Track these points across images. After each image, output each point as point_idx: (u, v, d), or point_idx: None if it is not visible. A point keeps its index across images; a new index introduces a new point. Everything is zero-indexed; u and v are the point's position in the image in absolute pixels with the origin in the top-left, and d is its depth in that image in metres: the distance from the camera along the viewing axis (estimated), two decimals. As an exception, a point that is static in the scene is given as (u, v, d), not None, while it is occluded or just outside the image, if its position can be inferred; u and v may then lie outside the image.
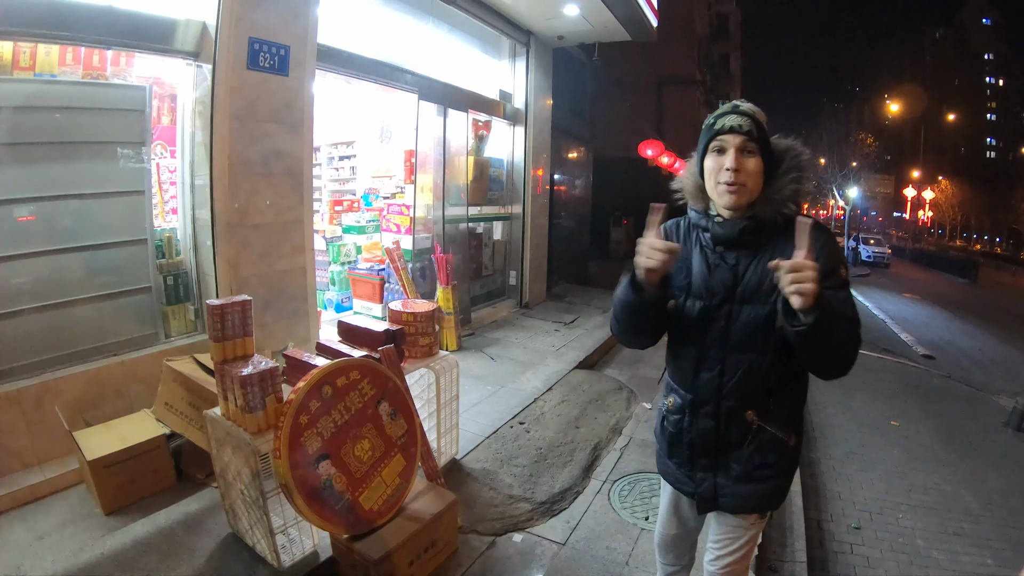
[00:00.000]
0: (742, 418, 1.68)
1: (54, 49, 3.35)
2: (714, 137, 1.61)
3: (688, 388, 1.75)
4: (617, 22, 7.37)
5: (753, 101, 1.67)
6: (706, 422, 1.72)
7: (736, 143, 1.57)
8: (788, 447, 1.71)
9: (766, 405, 1.67)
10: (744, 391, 1.66)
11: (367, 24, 5.35)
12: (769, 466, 1.70)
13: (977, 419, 6.03)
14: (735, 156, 1.57)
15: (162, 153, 3.95)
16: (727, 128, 1.58)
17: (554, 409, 4.57)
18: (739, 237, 1.62)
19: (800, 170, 1.63)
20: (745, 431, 1.69)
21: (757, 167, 1.58)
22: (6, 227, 3.12)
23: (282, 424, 2.16)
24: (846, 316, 1.50)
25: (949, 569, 3.31)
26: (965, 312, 14.59)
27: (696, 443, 1.76)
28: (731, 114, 1.60)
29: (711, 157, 1.63)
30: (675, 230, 1.80)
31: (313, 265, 4.44)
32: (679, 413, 1.79)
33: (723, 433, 1.71)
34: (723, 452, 1.73)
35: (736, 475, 1.73)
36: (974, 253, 41.08)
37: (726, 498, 1.76)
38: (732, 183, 1.58)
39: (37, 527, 2.72)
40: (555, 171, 9.64)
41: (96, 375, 3.32)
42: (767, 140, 1.61)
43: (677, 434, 1.81)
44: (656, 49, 16.46)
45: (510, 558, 2.80)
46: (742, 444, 1.70)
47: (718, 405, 1.69)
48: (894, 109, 43.57)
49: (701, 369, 1.70)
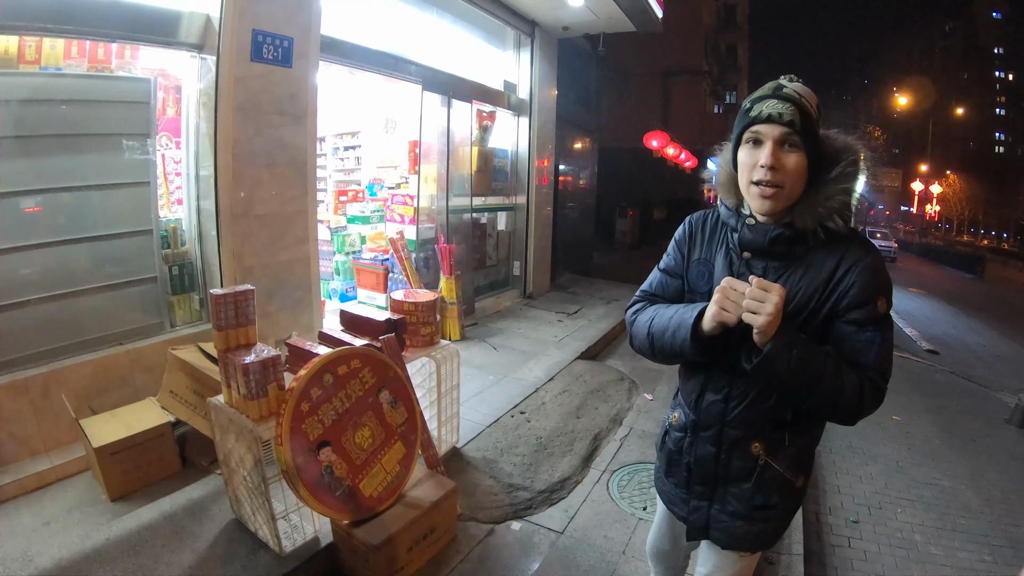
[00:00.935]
0: (747, 450, 1.51)
1: (59, 43, 3.37)
2: (749, 126, 1.36)
3: (692, 408, 1.60)
4: (622, 13, 7.34)
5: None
6: (706, 448, 1.57)
7: (775, 135, 1.32)
8: (794, 488, 1.55)
9: (777, 440, 1.50)
10: (751, 421, 1.49)
11: (371, 15, 5.35)
12: (772, 507, 1.54)
13: (979, 415, 6.02)
14: (772, 151, 1.32)
15: (167, 144, 3.97)
16: (764, 116, 1.32)
17: (555, 399, 4.60)
18: (769, 246, 1.40)
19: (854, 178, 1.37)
20: (749, 465, 1.52)
21: (799, 166, 1.33)
22: (13, 218, 3.16)
23: (284, 411, 2.20)
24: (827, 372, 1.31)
25: (947, 565, 3.31)
26: (971, 307, 14.53)
27: (694, 468, 1.61)
28: (771, 98, 1.33)
29: (745, 149, 1.38)
30: (702, 224, 1.61)
31: (316, 255, 4.48)
32: (681, 432, 1.65)
33: (723, 463, 1.55)
34: (722, 484, 1.58)
35: (732, 511, 1.57)
36: (981, 248, 40.88)
37: (718, 532, 1.61)
38: (767, 184, 1.34)
39: (44, 513, 2.76)
40: (560, 162, 9.63)
41: (102, 364, 3.36)
42: (815, 132, 1.35)
43: (677, 453, 1.67)
44: (662, 40, 16.36)
45: (508, 545, 2.84)
46: (743, 479, 1.54)
47: (720, 432, 1.53)
48: (902, 102, 43.39)
49: (706, 390, 1.55)
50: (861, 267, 1.35)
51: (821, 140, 1.38)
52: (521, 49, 7.90)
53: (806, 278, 1.38)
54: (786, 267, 1.42)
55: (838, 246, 1.37)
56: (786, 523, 1.61)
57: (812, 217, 1.35)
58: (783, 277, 1.41)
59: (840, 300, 1.36)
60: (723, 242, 1.53)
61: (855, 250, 1.37)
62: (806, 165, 1.34)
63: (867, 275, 1.35)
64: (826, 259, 1.36)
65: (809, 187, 1.37)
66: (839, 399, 1.33)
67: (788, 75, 1.41)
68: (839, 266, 1.36)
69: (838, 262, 1.36)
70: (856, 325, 1.36)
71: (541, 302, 8.00)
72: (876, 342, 1.37)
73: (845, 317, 1.37)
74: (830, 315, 1.38)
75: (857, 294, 1.34)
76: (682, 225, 1.65)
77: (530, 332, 6.43)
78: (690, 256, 1.59)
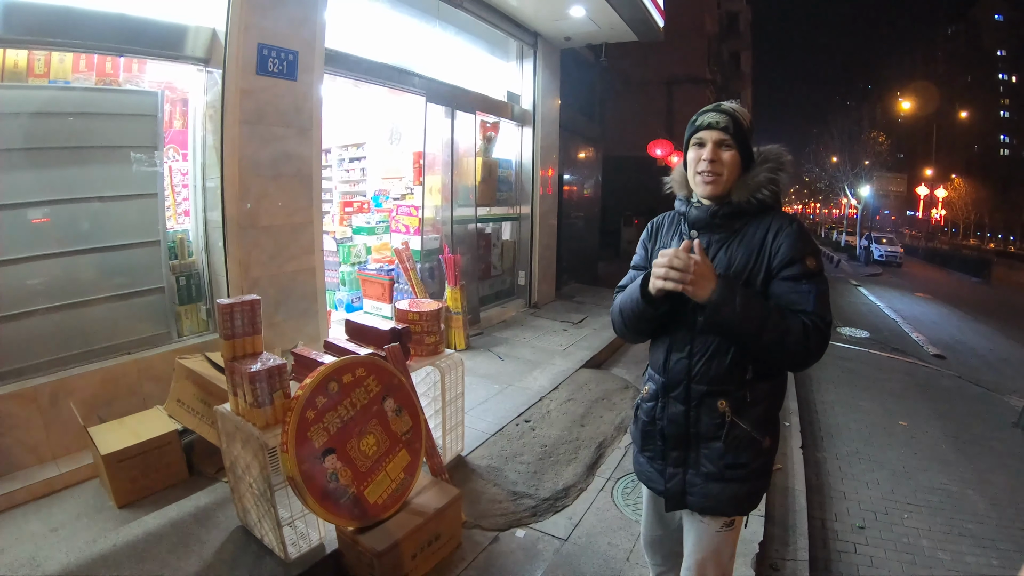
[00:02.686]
0: (714, 407, 1.68)
1: (68, 56, 3.44)
2: (695, 132, 1.71)
3: (660, 371, 1.77)
4: (623, 23, 7.41)
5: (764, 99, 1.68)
6: (676, 407, 1.73)
7: (714, 138, 1.66)
8: (762, 448, 1.70)
9: (740, 398, 1.67)
10: (714, 375, 1.67)
11: (374, 28, 5.41)
12: (742, 466, 1.69)
13: (986, 419, 5.99)
14: (712, 149, 1.66)
15: (174, 156, 4.03)
16: (706, 124, 1.68)
17: (560, 407, 4.61)
18: (711, 219, 1.70)
19: (778, 163, 1.70)
20: (717, 422, 1.68)
21: (733, 159, 1.66)
22: (22, 229, 3.21)
23: (289, 419, 2.22)
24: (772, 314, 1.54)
25: (954, 570, 3.30)
26: (977, 311, 14.45)
27: (667, 432, 1.76)
28: (712, 112, 1.69)
29: (692, 150, 1.73)
30: (661, 222, 1.92)
31: (322, 266, 4.52)
32: (652, 400, 1.81)
33: (693, 420, 1.71)
34: (694, 445, 1.73)
35: (706, 473, 1.72)
36: (987, 252, 40.65)
37: (694, 496, 1.74)
38: (709, 172, 1.66)
39: (52, 519, 2.79)
40: (564, 171, 9.67)
41: (110, 373, 3.40)
42: (745, 136, 1.68)
43: (650, 423, 1.82)
44: (666, 48, 16.44)
45: (512, 553, 2.85)
46: (713, 437, 1.70)
47: (688, 388, 1.71)
48: (906, 106, 43.20)
49: (672, 351, 1.74)
50: (787, 232, 1.63)
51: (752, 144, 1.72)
52: (524, 60, 7.96)
53: (743, 246, 1.66)
54: (726, 239, 1.70)
55: (766, 218, 1.67)
56: (760, 487, 1.75)
57: (745, 191, 1.67)
58: (725, 247, 1.69)
59: (772, 260, 1.62)
60: (678, 230, 1.84)
61: (780, 219, 1.67)
62: (739, 159, 1.67)
63: (792, 237, 1.62)
64: (758, 228, 1.66)
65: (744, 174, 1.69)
66: (787, 339, 1.53)
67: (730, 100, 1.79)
68: (768, 232, 1.65)
69: (767, 229, 1.65)
70: (792, 280, 1.60)
71: (546, 311, 8.01)
72: (812, 291, 1.58)
73: (780, 275, 1.61)
74: (767, 276, 1.63)
75: (786, 253, 1.60)
76: (646, 228, 1.97)
77: (535, 341, 6.44)
78: (653, 248, 1.89)
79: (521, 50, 7.91)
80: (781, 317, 1.54)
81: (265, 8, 3.81)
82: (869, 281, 19.88)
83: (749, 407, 1.68)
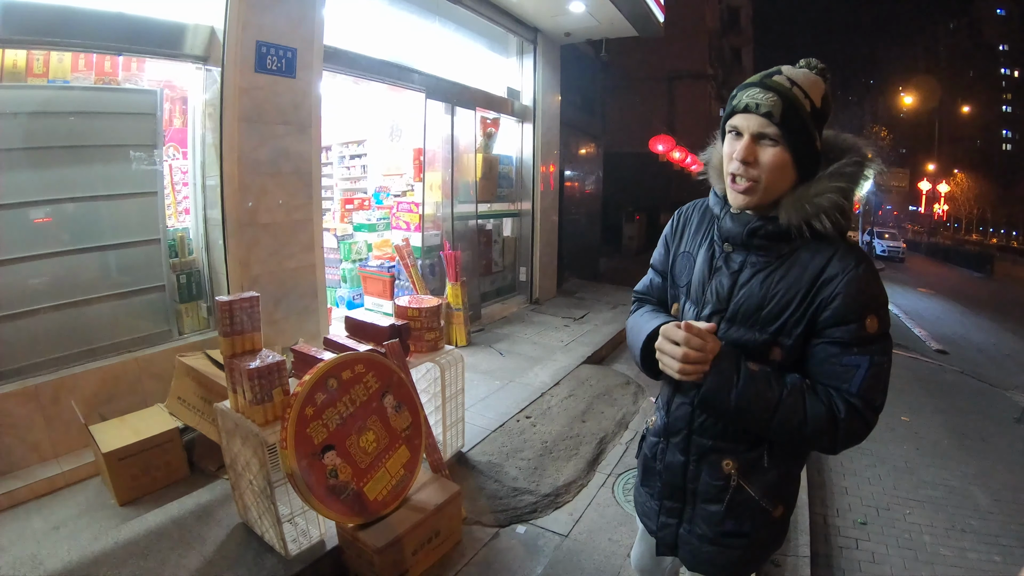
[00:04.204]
0: (718, 466, 1.37)
1: (66, 56, 3.43)
2: (730, 116, 1.26)
3: (665, 411, 1.48)
4: (623, 18, 7.37)
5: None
6: (675, 456, 1.44)
7: (753, 128, 1.21)
8: (771, 519, 1.38)
9: (753, 461, 1.35)
10: (719, 432, 1.36)
11: (373, 24, 5.40)
12: (743, 535, 1.39)
13: (989, 415, 5.99)
14: (747, 144, 1.21)
15: (174, 155, 4.03)
16: (742, 107, 1.22)
17: (561, 403, 4.61)
18: (747, 238, 1.29)
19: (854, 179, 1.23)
20: (719, 484, 1.37)
21: (778, 161, 1.21)
22: (23, 229, 3.21)
23: (288, 416, 2.22)
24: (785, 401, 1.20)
25: (956, 566, 3.29)
26: (980, 306, 14.45)
27: (664, 477, 1.48)
28: (754, 87, 1.22)
29: (728, 139, 1.28)
30: (692, 214, 1.52)
31: (322, 263, 4.51)
32: (657, 436, 1.52)
33: (692, 476, 1.42)
34: (691, 502, 1.44)
35: (700, 534, 1.43)
36: (990, 247, 40.60)
37: (685, 553, 1.49)
38: (740, 177, 1.24)
39: (53, 517, 2.80)
40: (565, 167, 9.66)
41: (111, 371, 3.40)
42: (805, 126, 1.21)
43: (652, 459, 1.54)
44: (666, 44, 16.39)
45: (513, 549, 2.85)
46: (713, 500, 1.39)
47: (688, 439, 1.40)
48: (908, 101, 43.17)
49: (677, 392, 1.43)
50: (850, 277, 1.18)
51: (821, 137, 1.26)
52: (524, 56, 7.93)
53: (786, 280, 1.24)
54: (766, 264, 1.28)
55: (826, 249, 1.22)
56: (761, 556, 1.45)
57: (798, 213, 1.22)
58: (762, 274, 1.28)
59: (821, 311, 1.21)
60: (708, 233, 1.42)
61: (845, 256, 1.21)
62: (789, 161, 1.21)
63: (855, 287, 1.18)
64: (812, 260, 1.22)
65: (800, 183, 1.24)
66: (803, 431, 1.21)
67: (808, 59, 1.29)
68: (824, 271, 1.21)
69: (822, 267, 1.21)
70: (840, 346, 1.20)
71: (548, 307, 8.01)
72: (863, 365, 1.19)
73: (827, 336, 1.22)
74: (808, 332, 1.24)
75: (841, 307, 1.18)
76: (673, 216, 1.56)
77: (536, 337, 6.44)
78: (677, 248, 1.50)
79: (521, 46, 7.89)
80: (795, 408, 1.20)
81: (263, 6, 3.80)
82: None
83: (763, 471, 1.35)
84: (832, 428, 1.19)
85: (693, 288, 1.39)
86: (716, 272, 1.34)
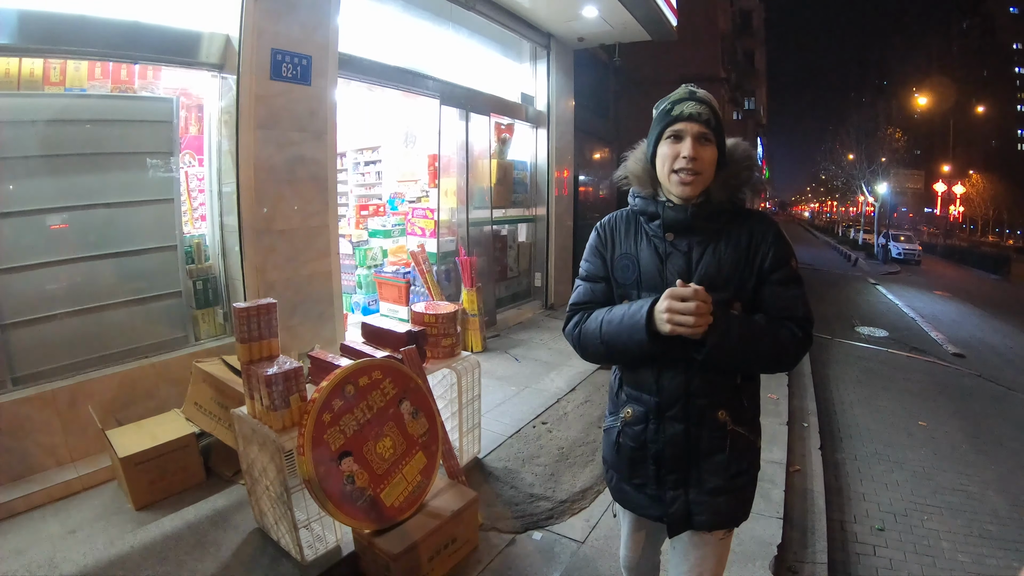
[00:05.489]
0: (715, 419, 1.56)
1: (83, 64, 3.48)
2: (671, 123, 1.52)
3: (652, 392, 1.60)
4: (636, 22, 7.39)
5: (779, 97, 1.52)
6: (674, 427, 1.58)
7: (694, 131, 1.50)
8: (756, 450, 1.66)
9: (737, 404, 1.59)
10: (713, 387, 1.55)
11: (387, 32, 5.44)
12: (744, 472, 1.61)
13: (1007, 418, 5.90)
14: (692, 145, 1.49)
15: (190, 162, 4.07)
16: (686, 115, 1.50)
17: (577, 409, 4.59)
18: (692, 221, 1.54)
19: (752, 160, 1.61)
20: (719, 435, 1.57)
21: (713, 156, 1.53)
22: (41, 235, 3.26)
23: (306, 422, 2.23)
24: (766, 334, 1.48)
25: (974, 572, 3.25)
26: (997, 309, 14.23)
27: (664, 455, 1.60)
28: (689, 100, 1.52)
29: (666, 144, 1.54)
30: (615, 225, 1.71)
31: (338, 269, 4.53)
32: (641, 423, 1.63)
33: (694, 438, 1.58)
34: (695, 462, 1.59)
35: (712, 488, 1.59)
36: (1007, 248, 40.02)
37: (702, 515, 1.60)
38: (689, 171, 1.50)
39: (70, 521, 2.83)
40: (579, 172, 9.63)
41: (128, 376, 3.43)
42: (722, 129, 1.55)
43: (639, 448, 1.64)
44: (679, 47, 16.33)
45: (529, 555, 2.84)
46: (716, 451, 1.58)
47: (687, 405, 1.56)
48: (922, 102, 42.67)
49: (664, 369, 1.57)
50: (772, 235, 1.55)
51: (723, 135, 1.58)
52: (537, 61, 7.95)
53: (729, 248, 1.54)
54: (707, 240, 1.56)
55: (745, 220, 1.57)
56: (754, 489, 1.69)
57: (725, 191, 1.56)
58: (709, 250, 1.55)
59: (763, 263, 1.54)
60: (642, 233, 1.65)
61: (759, 219, 1.59)
62: (716, 155, 1.54)
63: (779, 241, 1.55)
64: (740, 230, 1.55)
65: (719, 171, 1.56)
66: (782, 355, 1.51)
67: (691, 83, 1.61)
68: (752, 235, 1.55)
69: (751, 232, 1.55)
70: (781, 284, 1.54)
71: (563, 313, 7.90)
72: (800, 296, 1.54)
73: (772, 280, 1.54)
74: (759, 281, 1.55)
75: (774, 257, 1.53)
76: (595, 233, 1.75)
77: (552, 343, 6.42)
78: (613, 255, 1.68)
79: (534, 51, 7.91)
80: (774, 336, 1.49)
81: (278, 14, 3.84)
82: (887, 279, 19.64)
83: (744, 411, 1.60)
84: (795, 347, 1.51)
85: (646, 279, 1.59)
86: (669, 258, 1.58)
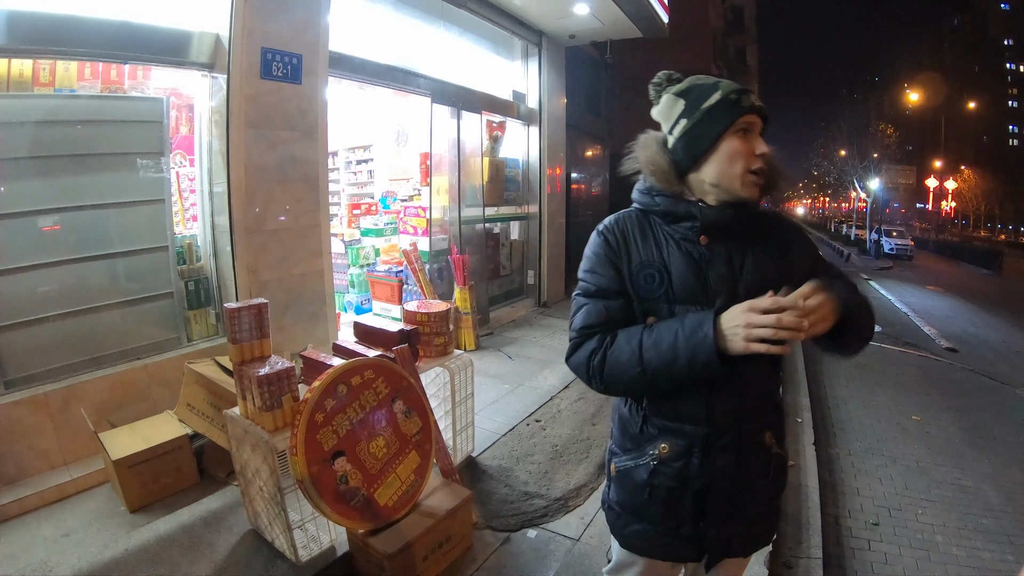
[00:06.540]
0: (761, 443, 1.43)
1: (72, 65, 3.45)
2: (742, 115, 1.32)
3: (700, 421, 1.38)
4: (627, 19, 7.39)
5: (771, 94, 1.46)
6: (725, 457, 1.39)
7: (759, 126, 1.36)
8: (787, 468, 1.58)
9: (779, 423, 1.49)
10: (763, 408, 1.43)
11: (378, 30, 5.42)
12: (779, 495, 1.54)
13: (1000, 413, 5.94)
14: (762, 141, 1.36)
15: (181, 162, 4.04)
16: (755, 107, 1.34)
17: (571, 407, 4.59)
18: (732, 223, 1.36)
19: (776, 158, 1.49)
20: (764, 459, 1.44)
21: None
22: (32, 237, 3.23)
23: (298, 422, 2.22)
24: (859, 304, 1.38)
25: (968, 566, 3.27)
26: (989, 304, 14.32)
27: (711, 490, 1.40)
28: (747, 91, 1.36)
29: (735, 139, 1.33)
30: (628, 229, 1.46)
31: (331, 268, 4.52)
32: (681, 458, 1.40)
33: (744, 465, 1.41)
34: (739, 492, 1.42)
35: (752, 516, 1.46)
36: (998, 243, 40.26)
37: (740, 545, 1.50)
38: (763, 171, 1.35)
39: (64, 525, 2.81)
40: (572, 170, 9.64)
41: (120, 378, 3.41)
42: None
43: (679, 487, 1.42)
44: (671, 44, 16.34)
45: (524, 553, 2.84)
46: (760, 477, 1.44)
47: (739, 432, 1.39)
48: (914, 98, 42.90)
49: (716, 395, 1.37)
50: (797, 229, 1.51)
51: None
52: (529, 59, 7.95)
53: (768, 250, 1.41)
54: (744, 244, 1.39)
55: (768, 220, 1.47)
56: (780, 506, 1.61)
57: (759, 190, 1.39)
58: (747, 253, 1.39)
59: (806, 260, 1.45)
60: (666, 237, 1.42)
61: (780, 220, 1.51)
62: None
63: (805, 237, 1.50)
64: (770, 232, 1.44)
65: None
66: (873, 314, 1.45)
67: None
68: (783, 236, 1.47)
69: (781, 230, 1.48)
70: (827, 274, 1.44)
71: (556, 310, 8.00)
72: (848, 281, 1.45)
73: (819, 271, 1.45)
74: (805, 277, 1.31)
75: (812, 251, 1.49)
76: (601, 239, 1.47)
77: (545, 340, 6.43)
78: (630, 265, 1.42)
79: (526, 49, 7.90)
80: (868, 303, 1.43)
81: (268, 13, 3.82)
82: (880, 275, 19.74)
83: (783, 432, 1.51)
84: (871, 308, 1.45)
85: (680, 291, 1.36)
86: (710, 264, 1.37)
